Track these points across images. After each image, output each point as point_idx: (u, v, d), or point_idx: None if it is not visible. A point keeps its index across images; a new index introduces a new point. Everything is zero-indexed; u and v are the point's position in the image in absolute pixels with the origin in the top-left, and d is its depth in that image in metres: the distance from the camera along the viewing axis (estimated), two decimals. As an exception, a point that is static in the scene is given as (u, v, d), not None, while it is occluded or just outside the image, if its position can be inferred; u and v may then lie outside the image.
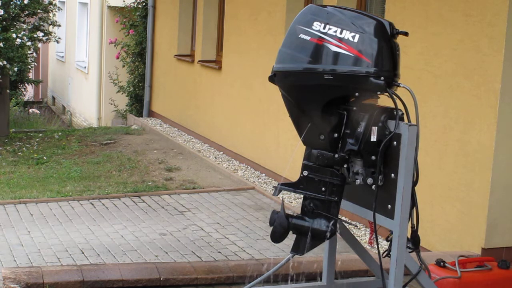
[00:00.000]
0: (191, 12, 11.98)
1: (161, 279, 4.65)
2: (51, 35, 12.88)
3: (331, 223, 3.35)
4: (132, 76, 13.75)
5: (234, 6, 9.93)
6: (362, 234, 6.66)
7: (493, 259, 4.81)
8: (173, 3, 12.22)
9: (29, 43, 11.60)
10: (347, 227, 3.69)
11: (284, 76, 3.37)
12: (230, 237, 6.57)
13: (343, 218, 3.77)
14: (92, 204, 7.60)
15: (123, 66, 14.03)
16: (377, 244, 3.37)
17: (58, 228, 6.78)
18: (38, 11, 12.50)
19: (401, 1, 6.43)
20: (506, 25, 5.27)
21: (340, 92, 3.30)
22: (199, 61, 10.98)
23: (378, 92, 3.26)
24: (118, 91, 14.06)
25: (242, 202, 7.79)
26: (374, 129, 3.28)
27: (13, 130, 12.82)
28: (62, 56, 20.44)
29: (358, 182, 3.34)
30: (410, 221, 3.36)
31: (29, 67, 13.60)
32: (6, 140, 11.50)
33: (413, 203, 3.37)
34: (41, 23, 12.58)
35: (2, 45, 10.90)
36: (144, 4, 13.40)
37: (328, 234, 3.35)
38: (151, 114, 13.23)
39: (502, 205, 5.48)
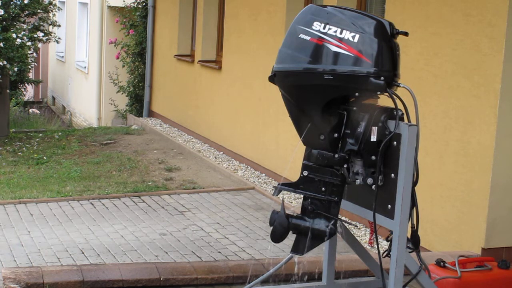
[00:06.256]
0: (191, 12, 11.98)
1: (161, 279, 4.65)
2: (51, 35, 12.88)
3: (331, 223, 3.35)
4: (132, 76, 13.75)
5: (234, 6, 9.93)
6: (362, 234, 6.66)
7: (493, 259, 4.81)
8: (173, 3, 12.22)
9: (29, 43, 11.59)
10: (347, 227, 3.69)
11: (284, 76, 3.37)
12: (230, 237, 6.57)
13: (343, 218, 3.77)
14: (92, 204, 7.60)
15: (123, 66, 14.03)
16: (377, 244, 3.37)
17: (58, 228, 6.78)
18: (38, 11, 12.49)
19: (401, 1, 6.43)
20: (506, 25, 5.27)
21: (340, 92, 3.30)
22: (199, 61, 10.98)
23: (378, 92, 3.25)
24: (118, 91, 14.06)
25: (242, 202, 7.79)
26: (374, 129, 3.28)
27: (13, 130, 12.82)
28: (62, 56, 20.44)
29: (358, 182, 3.34)
30: (410, 221, 3.36)
31: (29, 67, 13.59)
32: (6, 140, 11.49)
33: (413, 203, 3.37)
34: (41, 23, 12.58)
35: (2, 45, 10.89)
36: (144, 4, 13.40)
37: (328, 234, 3.35)
38: (151, 114, 13.23)
39: (502, 205, 5.49)
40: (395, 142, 3.27)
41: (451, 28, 5.81)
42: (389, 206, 3.30)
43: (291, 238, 3.42)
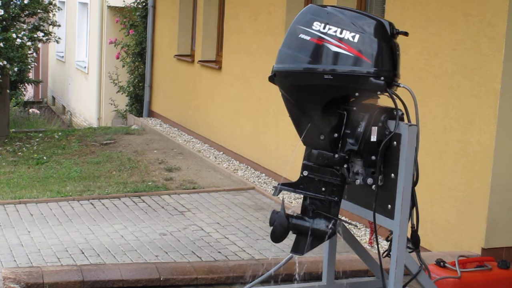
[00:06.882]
0: (191, 12, 11.98)
1: (161, 279, 4.65)
2: (51, 35, 12.88)
3: (331, 223, 3.35)
4: (132, 76, 13.75)
5: (234, 6, 9.93)
6: (362, 234, 6.66)
7: (493, 259, 4.81)
8: (173, 3, 12.22)
9: (29, 43, 11.59)
10: (347, 227, 3.69)
11: (284, 76, 3.37)
12: (230, 237, 6.57)
13: (343, 218, 3.77)
14: (92, 204, 7.60)
15: (123, 66, 14.03)
16: (377, 244, 3.37)
17: (58, 228, 6.78)
18: (38, 11, 12.49)
19: (401, 1, 6.43)
20: (506, 25, 5.27)
21: (340, 92, 3.30)
22: (199, 61, 10.98)
23: (378, 92, 3.25)
24: (118, 91, 14.06)
25: (242, 202, 7.79)
26: (374, 129, 3.28)
27: (13, 130, 12.82)
28: (62, 56, 20.45)
29: (358, 182, 3.34)
30: (410, 221, 3.36)
31: (29, 67, 13.59)
32: (6, 140, 11.49)
33: (413, 203, 3.37)
34: (41, 23, 12.58)
35: (2, 45, 10.89)
36: (144, 4, 13.40)
37: (328, 234, 3.35)
38: (151, 114, 13.23)
39: (502, 205, 5.49)
40: (395, 142, 3.27)
41: (451, 28, 5.81)
42: (389, 206, 3.30)
43: (291, 238, 3.42)
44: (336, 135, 3.34)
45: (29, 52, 12.28)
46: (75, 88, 18.98)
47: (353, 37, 3.21)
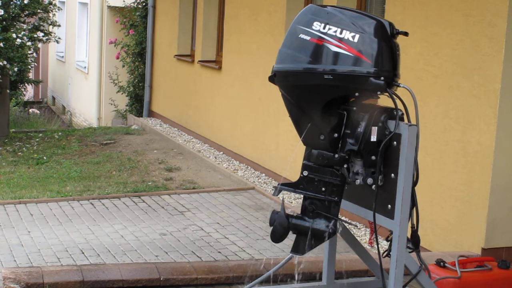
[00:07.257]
0: (191, 12, 11.99)
1: (161, 279, 4.65)
2: (51, 35, 12.88)
3: (331, 223, 3.35)
4: (132, 76, 13.75)
5: (234, 6, 9.93)
6: (362, 234, 6.66)
7: (493, 259, 4.81)
8: (173, 3, 12.22)
9: (29, 43, 11.59)
10: (347, 227, 3.69)
11: (284, 76, 3.37)
12: (230, 237, 6.57)
13: (343, 218, 3.77)
14: (92, 204, 7.60)
15: (123, 66, 14.03)
16: (377, 244, 3.37)
17: (58, 228, 6.78)
18: (38, 11, 12.50)
19: (401, 1, 6.43)
20: (506, 25, 5.27)
21: (340, 92, 3.30)
22: (199, 61, 10.98)
23: (378, 92, 3.25)
24: (118, 91, 14.07)
25: (242, 202, 7.79)
26: (374, 129, 3.28)
27: (13, 130, 12.82)
28: (62, 56, 20.45)
29: (358, 182, 3.34)
30: (410, 221, 3.36)
31: (29, 67, 13.60)
32: (6, 140, 11.49)
33: (413, 203, 3.37)
34: (41, 23, 12.58)
35: (2, 45, 10.89)
36: (144, 4, 13.41)
37: (328, 234, 3.35)
38: (151, 114, 13.23)
39: (502, 205, 5.49)
40: (395, 142, 3.27)
41: (451, 28, 5.81)
42: (389, 206, 3.30)
43: (291, 238, 3.42)
44: (336, 135, 3.34)
45: (29, 52, 12.28)
46: (75, 88, 18.99)
47: (353, 37, 3.21)
